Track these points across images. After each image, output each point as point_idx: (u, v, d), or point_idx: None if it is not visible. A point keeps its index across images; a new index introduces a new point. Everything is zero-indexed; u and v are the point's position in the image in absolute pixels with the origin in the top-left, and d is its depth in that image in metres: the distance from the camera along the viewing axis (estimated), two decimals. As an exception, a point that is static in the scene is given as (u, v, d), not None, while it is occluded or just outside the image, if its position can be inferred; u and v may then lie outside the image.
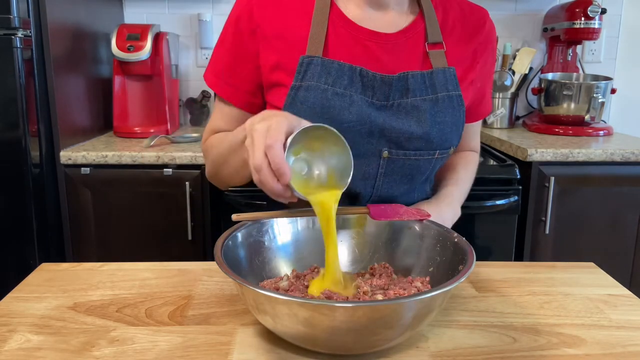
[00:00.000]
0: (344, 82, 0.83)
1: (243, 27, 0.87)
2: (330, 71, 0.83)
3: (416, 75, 0.85)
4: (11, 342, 0.66)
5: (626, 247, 1.80)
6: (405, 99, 0.84)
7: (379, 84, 0.84)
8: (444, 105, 0.86)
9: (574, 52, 2.20)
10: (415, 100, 0.84)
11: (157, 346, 0.65)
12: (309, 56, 0.83)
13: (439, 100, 0.85)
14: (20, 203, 1.58)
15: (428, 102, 0.85)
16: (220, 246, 0.68)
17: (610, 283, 0.85)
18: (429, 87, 0.85)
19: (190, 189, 1.65)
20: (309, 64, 0.83)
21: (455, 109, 0.87)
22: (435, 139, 0.86)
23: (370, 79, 0.84)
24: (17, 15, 1.49)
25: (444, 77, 0.86)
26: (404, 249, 0.79)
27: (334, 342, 0.59)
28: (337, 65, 0.83)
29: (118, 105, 1.93)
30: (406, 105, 0.84)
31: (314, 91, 0.82)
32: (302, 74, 0.83)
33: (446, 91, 0.86)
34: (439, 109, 0.85)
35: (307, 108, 0.82)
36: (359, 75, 0.83)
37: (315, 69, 0.83)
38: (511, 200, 1.67)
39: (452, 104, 0.86)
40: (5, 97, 1.52)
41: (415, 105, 0.84)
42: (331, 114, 0.82)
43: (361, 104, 0.83)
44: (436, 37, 0.88)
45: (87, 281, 0.84)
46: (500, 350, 0.65)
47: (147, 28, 1.89)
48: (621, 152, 1.71)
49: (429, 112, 0.84)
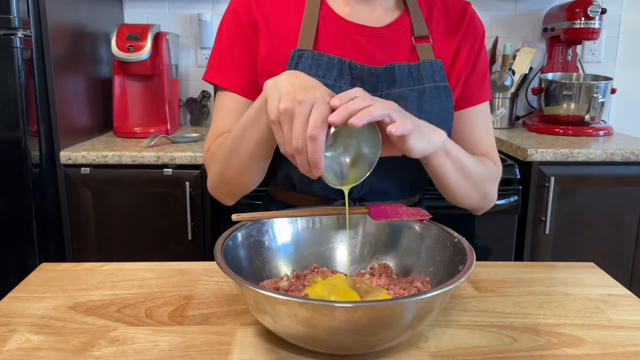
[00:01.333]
0: (333, 74, 0.86)
1: (243, 20, 0.90)
2: (320, 64, 0.86)
3: (403, 66, 0.87)
4: (11, 342, 0.66)
5: (626, 247, 1.80)
6: (393, 89, 0.87)
7: (367, 76, 0.86)
8: (431, 95, 0.87)
9: (574, 52, 2.20)
10: (402, 90, 0.86)
11: (157, 346, 0.65)
12: (300, 49, 0.86)
13: (425, 90, 0.87)
14: (20, 203, 1.58)
15: (415, 92, 0.87)
16: (220, 246, 0.68)
17: (610, 283, 0.85)
18: (416, 78, 0.87)
19: (190, 189, 1.65)
20: (300, 56, 0.86)
21: (442, 100, 0.88)
22: None
23: (358, 71, 0.86)
24: (17, 15, 1.49)
25: (431, 68, 0.88)
26: (404, 249, 0.79)
27: (334, 342, 0.59)
28: (327, 58, 0.86)
29: (118, 105, 1.93)
30: (394, 96, 0.86)
31: None
32: (293, 66, 0.86)
33: (433, 82, 0.88)
34: (426, 99, 0.87)
35: None
36: (348, 67, 0.86)
37: (306, 62, 0.86)
38: (511, 200, 1.67)
39: (439, 94, 0.88)
40: (5, 97, 1.52)
41: (403, 95, 0.86)
42: None
43: None
44: (422, 31, 0.91)
45: (87, 281, 0.84)
46: (500, 350, 0.65)
47: (147, 28, 1.89)
48: (621, 152, 1.71)
49: (416, 102, 0.86)
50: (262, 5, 0.90)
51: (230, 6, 0.92)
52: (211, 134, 0.93)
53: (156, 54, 1.91)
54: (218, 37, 0.93)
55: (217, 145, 0.90)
